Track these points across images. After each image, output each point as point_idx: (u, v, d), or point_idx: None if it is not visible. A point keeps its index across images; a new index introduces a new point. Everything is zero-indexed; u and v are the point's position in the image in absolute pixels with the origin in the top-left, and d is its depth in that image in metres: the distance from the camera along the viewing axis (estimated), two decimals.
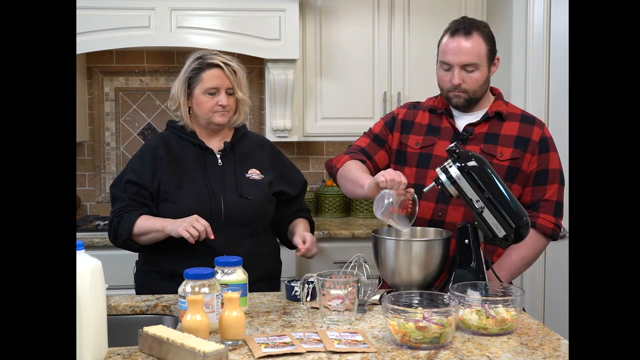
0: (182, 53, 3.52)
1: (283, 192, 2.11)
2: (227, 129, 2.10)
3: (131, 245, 2.00)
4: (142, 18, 2.99)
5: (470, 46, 1.86)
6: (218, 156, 2.05)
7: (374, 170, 1.99)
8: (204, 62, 2.00)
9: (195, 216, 1.87)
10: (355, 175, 1.89)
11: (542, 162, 1.93)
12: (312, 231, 2.18)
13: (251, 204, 2.00)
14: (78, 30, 2.86)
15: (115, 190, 2.04)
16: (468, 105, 1.94)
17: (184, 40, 3.03)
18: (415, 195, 1.73)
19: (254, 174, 2.06)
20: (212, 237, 1.85)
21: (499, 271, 1.81)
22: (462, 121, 1.97)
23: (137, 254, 2.11)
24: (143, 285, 2.06)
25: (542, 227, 1.89)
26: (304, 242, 1.97)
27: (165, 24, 3.00)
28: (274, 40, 3.06)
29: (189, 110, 2.05)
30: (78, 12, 2.76)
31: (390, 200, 1.67)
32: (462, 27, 1.87)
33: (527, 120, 1.97)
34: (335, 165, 2.02)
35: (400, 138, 2.02)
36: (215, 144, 2.07)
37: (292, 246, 2.12)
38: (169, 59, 3.55)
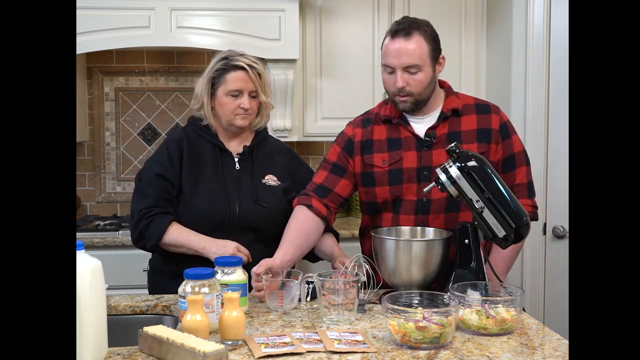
0: (182, 53, 3.53)
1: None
2: (248, 131, 2.08)
3: (156, 251, 1.97)
4: (142, 18, 2.99)
5: (411, 47, 1.83)
6: (236, 159, 2.03)
7: (332, 205, 1.97)
8: (229, 64, 1.97)
9: (236, 245, 1.87)
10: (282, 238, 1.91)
11: (507, 148, 1.92)
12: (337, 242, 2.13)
13: (265, 211, 1.98)
14: (78, 30, 2.86)
15: (142, 185, 1.98)
16: (416, 108, 1.90)
17: (184, 40, 3.03)
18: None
19: (270, 180, 2.03)
20: (250, 260, 1.86)
21: (494, 267, 1.81)
22: (421, 126, 1.93)
23: (150, 254, 2.09)
24: (156, 284, 2.06)
25: None
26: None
27: (165, 24, 2.99)
28: (274, 40, 3.06)
29: (212, 110, 2.02)
30: (78, 12, 2.76)
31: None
32: (402, 28, 1.85)
33: (483, 109, 1.95)
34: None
35: (363, 160, 1.97)
36: (235, 147, 2.05)
37: (313, 258, 2.11)
38: (169, 59, 3.55)
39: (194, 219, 1.94)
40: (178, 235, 1.91)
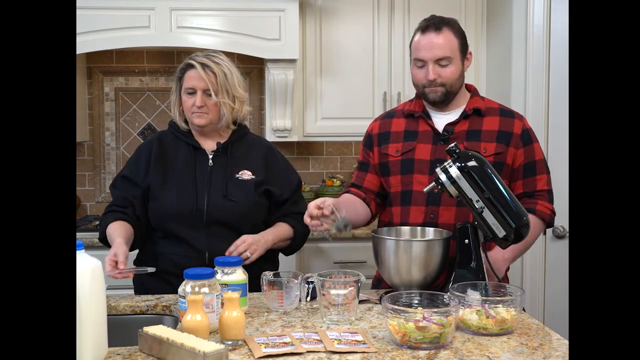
0: (182, 53, 3.53)
1: (271, 193, 2.07)
2: (223, 128, 2.08)
3: (107, 243, 2.01)
4: (142, 18, 2.99)
5: (442, 41, 1.89)
6: (210, 157, 2.05)
7: (370, 195, 2.04)
8: (186, 62, 2.03)
9: (112, 255, 1.81)
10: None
11: (528, 154, 1.95)
12: (296, 238, 2.11)
13: (235, 205, 1.99)
14: (78, 30, 2.86)
15: (111, 187, 2.11)
16: (445, 100, 1.94)
17: (184, 40, 3.03)
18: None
19: (244, 174, 2.05)
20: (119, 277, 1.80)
21: (504, 252, 1.83)
22: (441, 121, 1.97)
23: (134, 255, 2.12)
24: (137, 283, 2.10)
25: (542, 213, 1.92)
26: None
27: (165, 24, 3.00)
28: (274, 40, 3.06)
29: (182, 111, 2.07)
30: (78, 12, 2.76)
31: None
32: (432, 23, 1.91)
33: (507, 114, 1.99)
34: None
35: (379, 150, 2.02)
36: (210, 145, 2.08)
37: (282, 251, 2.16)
38: (169, 59, 3.55)
39: (165, 215, 1.99)
40: (110, 232, 1.95)
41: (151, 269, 1.86)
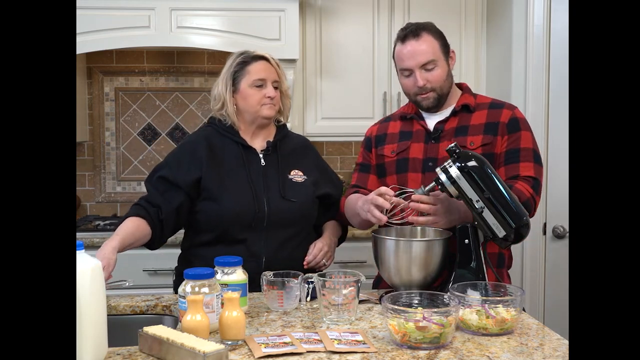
0: (182, 53, 3.53)
1: (329, 195, 2.09)
2: (270, 127, 2.08)
3: None
4: (142, 18, 2.99)
5: (423, 46, 1.90)
6: (261, 156, 2.03)
7: None
8: (249, 56, 2.01)
9: (104, 264, 1.70)
10: (352, 205, 1.95)
11: (513, 141, 1.90)
12: (344, 233, 2.18)
13: (294, 205, 1.98)
14: (78, 30, 2.86)
15: (147, 183, 2.01)
16: (438, 104, 1.95)
17: (184, 40, 3.03)
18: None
19: (296, 175, 2.04)
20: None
21: None
22: (432, 121, 1.99)
23: (177, 258, 2.10)
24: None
25: (518, 191, 1.80)
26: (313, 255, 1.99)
27: (165, 24, 3.00)
28: (274, 40, 3.06)
29: (234, 107, 2.03)
30: (78, 12, 2.76)
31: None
32: (410, 31, 1.92)
33: (496, 106, 1.98)
34: (342, 211, 2.08)
35: (376, 152, 2.05)
36: (259, 143, 2.05)
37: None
38: (169, 59, 3.55)
39: (223, 218, 1.93)
40: (121, 226, 1.87)
41: (129, 282, 1.80)
